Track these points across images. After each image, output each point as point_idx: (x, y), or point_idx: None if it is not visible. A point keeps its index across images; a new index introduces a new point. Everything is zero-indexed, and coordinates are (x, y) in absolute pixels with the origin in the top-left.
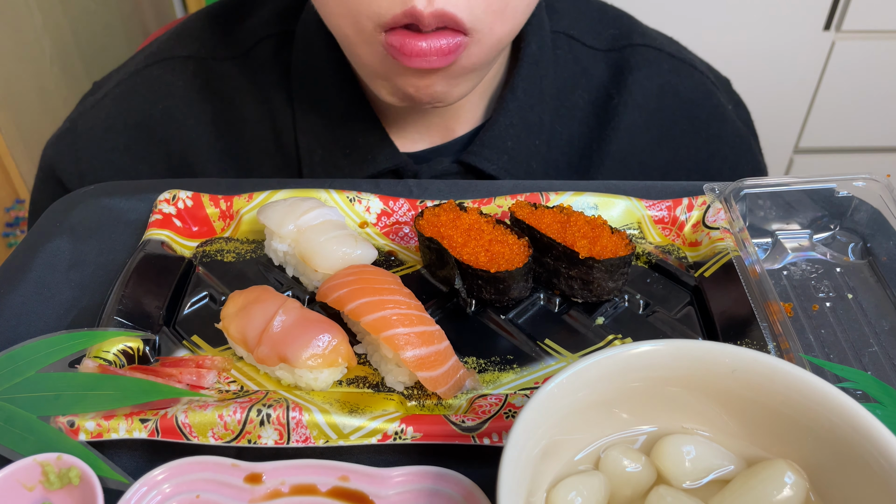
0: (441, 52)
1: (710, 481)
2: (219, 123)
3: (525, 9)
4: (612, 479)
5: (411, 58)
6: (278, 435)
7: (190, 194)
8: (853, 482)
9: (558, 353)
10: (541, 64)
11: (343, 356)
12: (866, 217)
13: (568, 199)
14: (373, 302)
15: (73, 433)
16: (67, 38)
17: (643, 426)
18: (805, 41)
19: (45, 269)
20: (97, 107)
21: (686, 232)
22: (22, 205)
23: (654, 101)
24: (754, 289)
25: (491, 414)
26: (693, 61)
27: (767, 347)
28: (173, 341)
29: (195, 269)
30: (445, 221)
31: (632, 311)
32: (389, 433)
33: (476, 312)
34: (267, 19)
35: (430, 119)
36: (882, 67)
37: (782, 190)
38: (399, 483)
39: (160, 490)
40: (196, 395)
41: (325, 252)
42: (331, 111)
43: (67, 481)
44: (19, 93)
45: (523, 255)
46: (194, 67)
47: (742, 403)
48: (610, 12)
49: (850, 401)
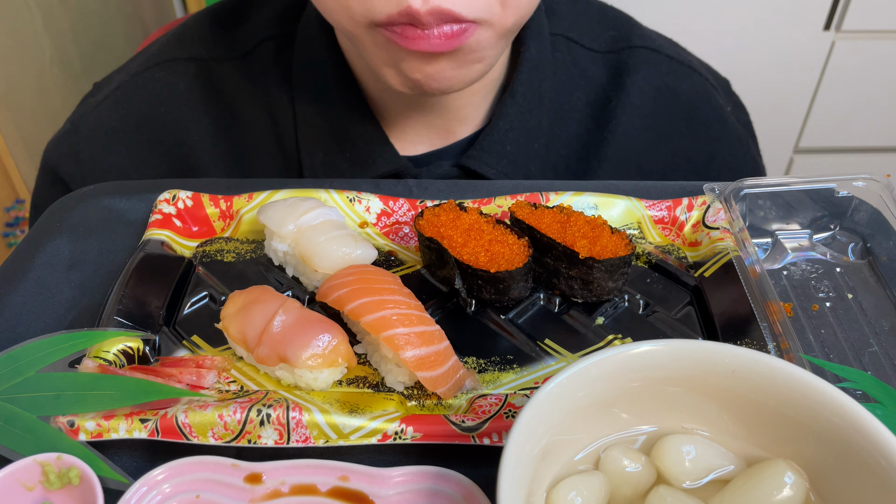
0: (444, 36)
1: (710, 481)
2: (220, 125)
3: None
4: (612, 479)
5: (413, 40)
6: (278, 435)
7: (190, 194)
8: (853, 482)
9: (558, 353)
10: (540, 67)
11: (343, 356)
12: (866, 217)
13: (568, 199)
14: (373, 302)
15: (73, 433)
16: (67, 38)
17: (643, 426)
18: (805, 41)
19: (45, 269)
20: (98, 108)
21: (686, 232)
22: (22, 205)
23: (652, 102)
24: (754, 289)
25: (491, 414)
26: (692, 63)
27: (767, 347)
28: (173, 341)
29: (195, 269)
30: (445, 221)
31: (632, 311)
32: (389, 433)
33: (476, 312)
34: (267, 21)
35: (430, 121)
36: (882, 67)
37: (782, 190)
38: (399, 483)
39: (160, 490)
40: (196, 395)
41: (325, 252)
42: (331, 113)
43: (67, 481)
44: (19, 93)
45: (523, 255)
46: (195, 69)
47: (742, 403)
48: (609, 14)
49: (850, 401)
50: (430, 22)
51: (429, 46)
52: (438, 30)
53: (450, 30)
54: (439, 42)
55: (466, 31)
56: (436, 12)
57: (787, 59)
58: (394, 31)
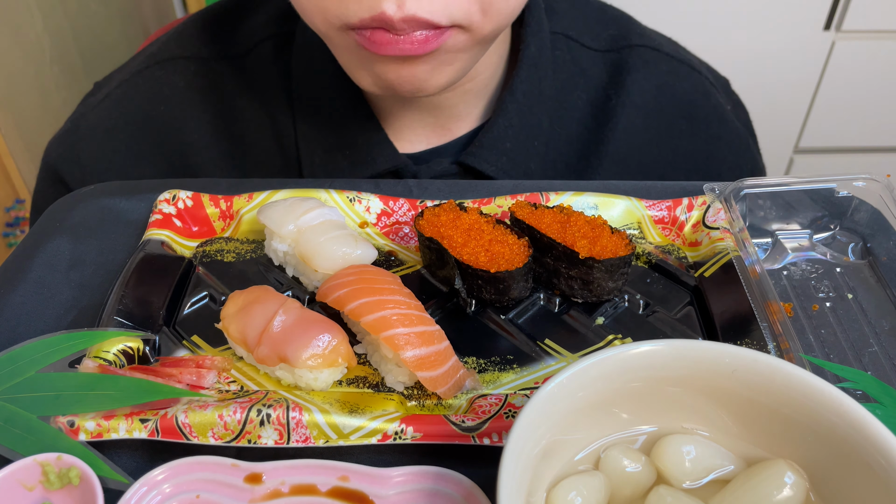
0: (416, 42)
1: (710, 481)
2: (219, 124)
3: (512, 8)
4: (612, 479)
5: (382, 45)
6: (278, 435)
7: (190, 194)
8: (853, 482)
9: (558, 353)
10: (540, 66)
11: (343, 356)
12: (866, 217)
13: (568, 199)
14: (373, 302)
15: (73, 433)
16: (67, 38)
17: (643, 426)
18: (805, 41)
19: (45, 269)
20: (98, 107)
21: (686, 232)
22: (22, 205)
23: (652, 101)
24: (754, 289)
25: (491, 414)
26: (692, 62)
27: (767, 347)
28: (173, 341)
29: (195, 269)
30: (445, 221)
31: (632, 311)
32: (389, 433)
33: (476, 312)
34: (267, 20)
35: (425, 119)
36: (882, 67)
37: (782, 190)
38: (399, 483)
39: (160, 490)
40: (196, 395)
41: (325, 252)
42: (330, 112)
43: (67, 481)
44: (19, 93)
45: (523, 255)
46: (195, 68)
47: (742, 403)
48: (609, 13)
49: (850, 401)
50: (403, 28)
51: (398, 52)
52: (410, 36)
53: (422, 35)
54: (410, 47)
55: (442, 35)
56: (410, 20)
57: (787, 59)
58: (364, 35)
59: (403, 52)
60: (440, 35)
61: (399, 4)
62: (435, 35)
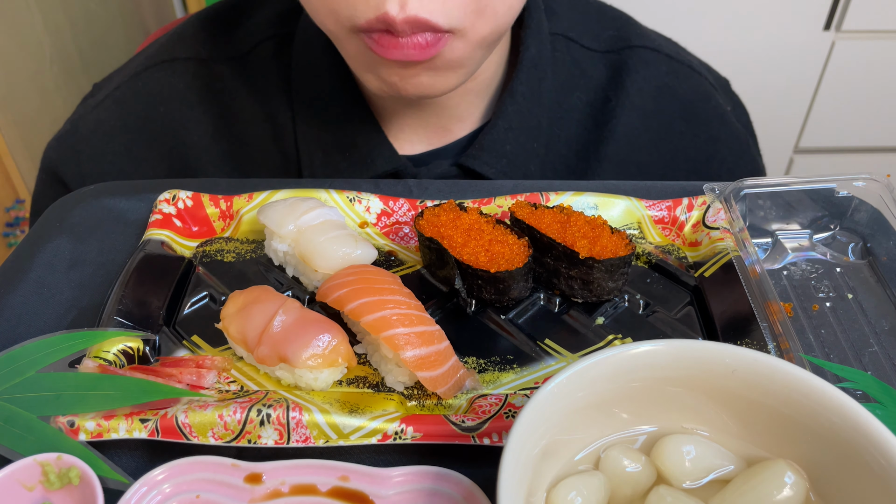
0: (418, 46)
1: (710, 481)
2: (219, 125)
3: (508, 10)
4: (612, 479)
5: (388, 49)
6: (278, 435)
7: (190, 194)
8: (853, 482)
9: (558, 353)
10: (539, 67)
11: (343, 356)
12: (866, 217)
13: (568, 199)
14: (373, 302)
15: (73, 433)
16: (67, 38)
17: (643, 426)
18: (805, 41)
19: (45, 269)
20: (98, 108)
21: (686, 232)
22: (22, 205)
23: (651, 102)
24: (754, 289)
25: (491, 414)
26: (691, 62)
27: (767, 347)
28: (173, 341)
29: (195, 269)
30: (445, 221)
31: (632, 311)
32: (389, 433)
33: (476, 312)
34: (267, 21)
35: (425, 120)
36: (882, 67)
37: (782, 190)
38: (399, 483)
39: (160, 490)
40: (196, 395)
41: (325, 252)
42: (330, 113)
43: (67, 481)
44: (19, 93)
45: (523, 255)
46: (195, 69)
47: (742, 403)
48: (608, 13)
49: (850, 401)
50: (405, 30)
51: (402, 55)
52: (413, 39)
53: (423, 40)
54: (413, 52)
55: (440, 42)
56: (411, 21)
57: (787, 59)
58: (371, 37)
59: (407, 57)
60: (438, 42)
61: (402, 5)
62: (434, 41)
